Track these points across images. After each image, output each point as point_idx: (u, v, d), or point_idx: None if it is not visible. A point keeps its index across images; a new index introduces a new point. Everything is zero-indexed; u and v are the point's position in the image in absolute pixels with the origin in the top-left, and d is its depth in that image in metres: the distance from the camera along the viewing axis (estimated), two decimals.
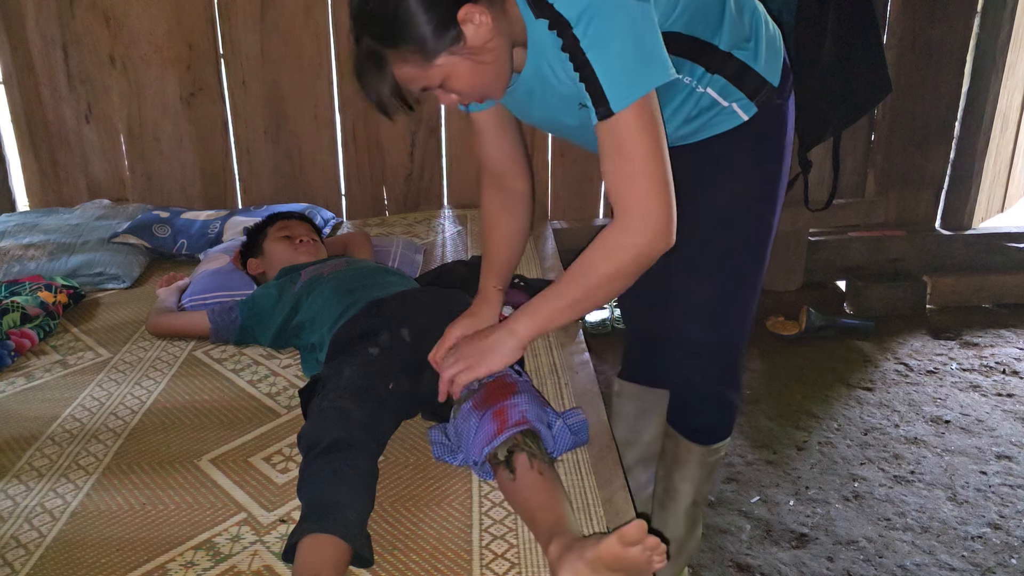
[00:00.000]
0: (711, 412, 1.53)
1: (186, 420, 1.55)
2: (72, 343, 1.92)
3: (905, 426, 2.32)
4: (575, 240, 2.83)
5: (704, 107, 1.29)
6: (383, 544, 1.19)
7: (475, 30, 1.10)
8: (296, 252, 1.97)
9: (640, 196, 1.15)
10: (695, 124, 1.31)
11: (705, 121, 1.31)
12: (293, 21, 2.69)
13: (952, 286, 3.07)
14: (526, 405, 1.27)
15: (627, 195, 1.16)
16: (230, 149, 2.84)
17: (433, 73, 1.14)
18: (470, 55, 1.13)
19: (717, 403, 1.51)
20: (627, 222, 1.17)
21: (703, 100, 1.28)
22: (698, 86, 1.26)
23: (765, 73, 1.29)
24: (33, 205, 2.89)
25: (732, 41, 1.24)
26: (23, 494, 1.34)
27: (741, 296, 1.44)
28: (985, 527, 1.92)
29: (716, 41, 1.22)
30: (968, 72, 2.93)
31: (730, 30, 1.23)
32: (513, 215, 1.46)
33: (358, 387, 1.36)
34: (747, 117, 1.31)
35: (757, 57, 1.27)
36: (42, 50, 2.68)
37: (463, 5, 1.09)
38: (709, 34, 1.22)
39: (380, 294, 1.64)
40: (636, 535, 0.97)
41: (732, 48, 1.25)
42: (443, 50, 1.11)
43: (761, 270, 1.43)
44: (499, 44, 1.14)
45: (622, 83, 1.09)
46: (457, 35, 1.10)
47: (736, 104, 1.29)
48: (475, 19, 1.10)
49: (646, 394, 1.71)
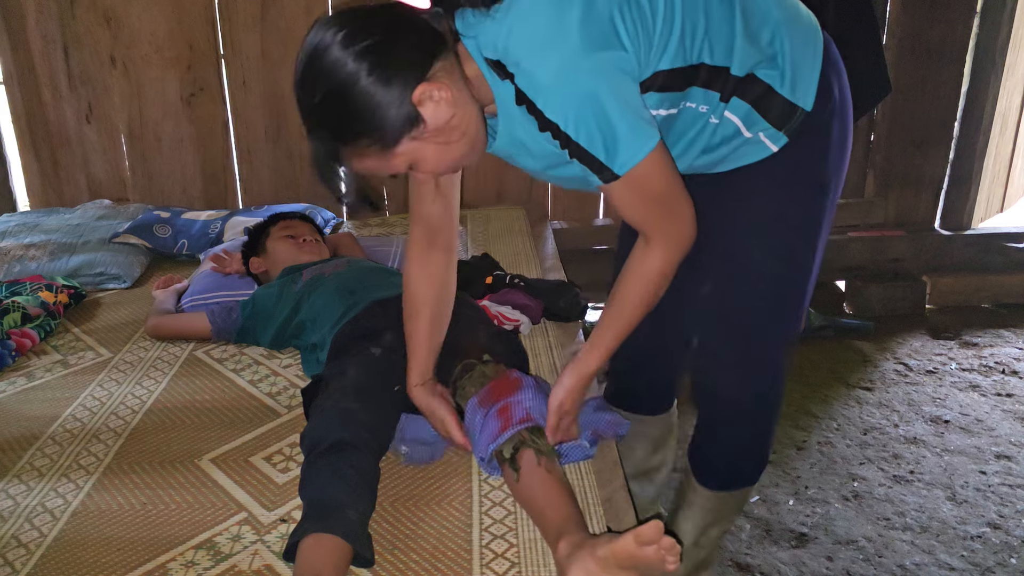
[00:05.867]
0: (725, 459, 1.46)
1: (187, 420, 1.55)
2: (73, 343, 1.92)
3: (904, 426, 2.33)
4: (575, 240, 2.84)
5: (725, 136, 1.19)
6: (383, 544, 1.19)
7: (434, 109, 1.03)
8: (300, 251, 1.97)
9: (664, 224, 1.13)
10: (716, 154, 1.22)
11: (728, 152, 1.21)
12: (293, 21, 2.69)
13: (951, 286, 3.07)
14: (531, 401, 1.27)
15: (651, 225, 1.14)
16: (231, 149, 2.84)
17: (397, 162, 1.07)
18: (433, 137, 1.05)
19: (735, 452, 1.45)
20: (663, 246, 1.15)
21: (723, 129, 1.18)
22: (713, 115, 1.16)
23: (794, 96, 1.16)
24: (34, 205, 2.89)
25: (749, 62, 1.13)
26: (24, 494, 1.34)
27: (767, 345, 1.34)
28: (984, 527, 1.92)
29: (728, 64, 1.12)
30: (968, 72, 2.93)
31: (743, 51, 1.12)
32: (442, 286, 1.36)
33: (361, 387, 1.36)
34: (776, 148, 1.20)
35: (784, 79, 1.15)
36: (43, 50, 2.69)
37: (417, 85, 1.01)
38: (720, 58, 1.11)
39: (382, 294, 1.64)
40: (653, 535, 0.97)
41: (752, 69, 1.14)
42: (402, 137, 1.04)
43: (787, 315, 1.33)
44: (465, 115, 1.07)
45: (620, 150, 1.04)
46: (415, 118, 1.02)
47: (763, 134, 1.18)
48: (433, 97, 1.02)
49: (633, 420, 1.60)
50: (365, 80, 0.99)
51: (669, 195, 1.11)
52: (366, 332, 1.53)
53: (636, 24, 1.03)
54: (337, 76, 1.00)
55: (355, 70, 0.99)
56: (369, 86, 0.99)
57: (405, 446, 1.37)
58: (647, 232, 1.16)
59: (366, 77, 0.99)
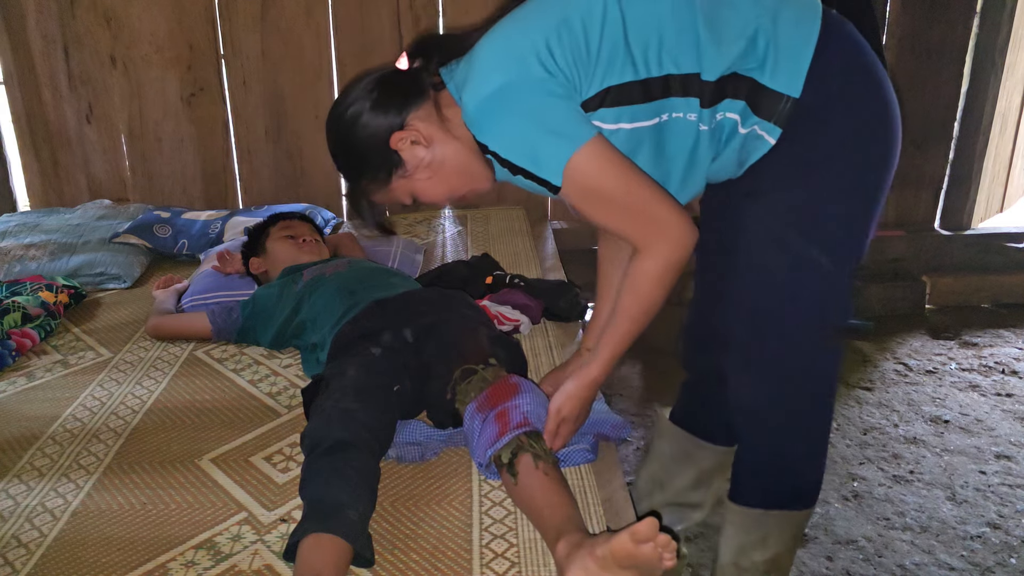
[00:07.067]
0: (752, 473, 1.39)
1: (187, 420, 1.56)
2: (73, 343, 1.92)
3: (904, 426, 2.33)
4: (575, 240, 2.84)
5: (725, 138, 1.17)
6: (383, 544, 1.19)
7: (410, 152, 1.22)
8: (300, 251, 1.97)
9: (640, 229, 1.16)
10: (729, 157, 1.20)
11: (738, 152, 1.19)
12: (294, 21, 2.69)
13: (951, 286, 3.07)
14: (528, 406, 1.27)
15: (628, 233, 1.17)
16: (231, 149, 2.85)
17: (396, 195, 1.26)
18: (416, 173, 1.23)
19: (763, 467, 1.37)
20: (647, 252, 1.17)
21: (720, 131, 1.17)
22: (702, 122, 1.15)
23: (777, 84, 1.13)
24: (34, 205, 2.89)
25: (722, 64, 1.12)
26: (24, 493, 1.34)
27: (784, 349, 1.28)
28: (984, 527, 1.92)
29: (697, 70, 1.12)
30: (967, 72, 2.93)
31: (712, 56, 1.11)
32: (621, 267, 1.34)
33: (361, 387, 1.36)
34: (773, 140, 1.16)
35: (764, 68, 1.13)
36: (43, 50, 2.69)
37: (392, 134, 1.20)
38: (687, 66, 1.12)
39: (382, 294, 1.64)
40: (648, 532, 0.97)
41: (732, 69, 1.12)
42: (391, 176, 1.23)
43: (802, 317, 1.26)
44: (449, 151, 1.22)
45: (543, 160, 1.11)
46: (397, 161, 1.22)
47: (758, 127, 1.16)
48: (406, 144, 1.21)
49: (689, 442, 1.60)
50: (355, 135, 1.22)
51: (628, 196, 1.13)
52: (366, 332, 1.53)
53: (569, 47, 1.11)
54: (338, 132, 1.25)
55: (347, 127, 1.23)
56: (357, 139, 1.22)
57: (393, 450, 1.37)
58: (631, 241, 1.18)
59: (356, 132, 1.22)
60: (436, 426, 1.44)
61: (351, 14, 2.69)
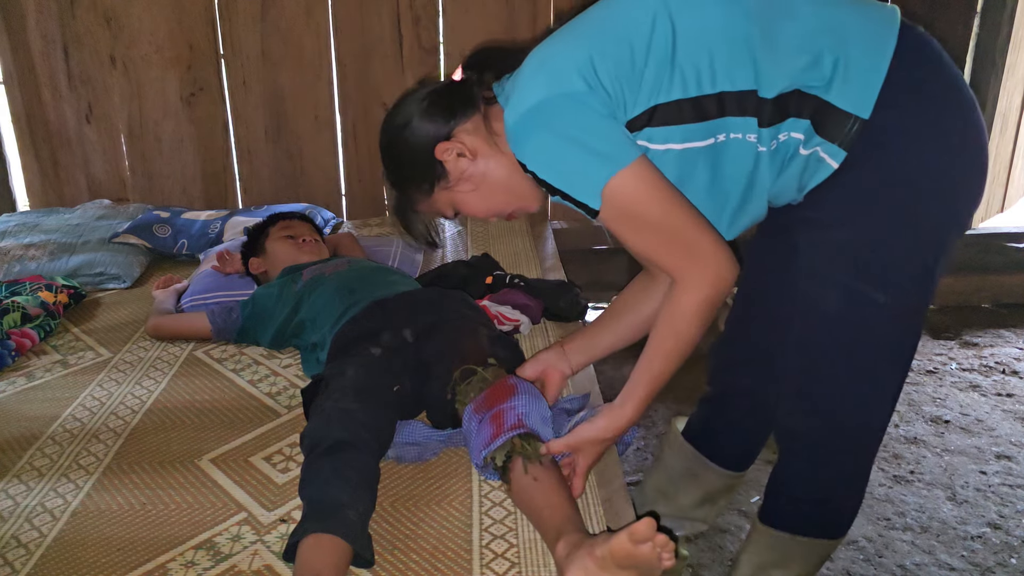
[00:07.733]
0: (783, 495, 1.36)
1: (186, 420, 1.55)
2: (73, 343, 1.92)
3: (905, 426, 2.33)
4: (575, 240, 2.84)
5: (786, 159, 1.11)
6: (383, 544, 1.19)
7: (454, 164, 1.20)
8: (299, 251, 1.97)
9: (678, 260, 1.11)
10: (787, 182, 1.14)
11: (799, 175, 1.13)
12: (294, 21, 2.69)
13: (951, 286, 3.07)
14: (524, 408, 1.27)
15: (666, 263, 1.12)
16: (231, 149, 2.84)
17: (439, 206, 1.25)
18: (458, 185, 1.22)
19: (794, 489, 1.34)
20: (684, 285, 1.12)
21: (783, 152, 1.10)
22: (760, 144, 1.09)
23: (846, 103, 1.06)
24: (34, 205, 2.89)
25: (782, 81, 1.06)
26: (24, 494, 1.34)
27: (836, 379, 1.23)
28: (985, 527, 1.92)
29: (755, 87, 1.06)
30: (968, 73, 2.93)
31: (771, 66, 1.05)
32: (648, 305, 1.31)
33: (361, 387, 1.36)
34: (836, 164, 1.09)
35: (831, 86, 1.05)
36: (43, 50, 2.68)
37: (437, 144, 1.19)
38: (742, 82, 1.06)
39: (382, 294, 1.64)
40: (646, 532, 0.97)
41: (794, 86, 1.06)
42: (434, 187, 1.22)
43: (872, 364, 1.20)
44: (493, 166, 1.21)
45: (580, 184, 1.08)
46: (440, 172, 1.20)
47: (820, 149, 1.09)
48: (450, 155, 1.19)
49: (698, 462, 1.55)
50: (402, 142, 1.22)
51: (668, 224, 1.09)
52: (366, 332, 1.53)
53: (614, 62, 1.07)
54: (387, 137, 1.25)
55: (396, 134, 1.23)
56: (404, 146, 1.22)
57: (393, 450, 1.37)
58: (669, 271, 1.13)
59: (403, 139, 1.22)
60: (435, 426, 1.44)
61: (351, 14, 2.69)
